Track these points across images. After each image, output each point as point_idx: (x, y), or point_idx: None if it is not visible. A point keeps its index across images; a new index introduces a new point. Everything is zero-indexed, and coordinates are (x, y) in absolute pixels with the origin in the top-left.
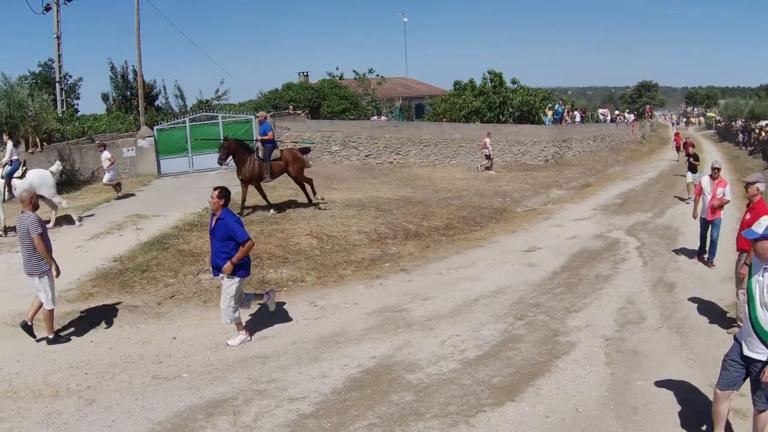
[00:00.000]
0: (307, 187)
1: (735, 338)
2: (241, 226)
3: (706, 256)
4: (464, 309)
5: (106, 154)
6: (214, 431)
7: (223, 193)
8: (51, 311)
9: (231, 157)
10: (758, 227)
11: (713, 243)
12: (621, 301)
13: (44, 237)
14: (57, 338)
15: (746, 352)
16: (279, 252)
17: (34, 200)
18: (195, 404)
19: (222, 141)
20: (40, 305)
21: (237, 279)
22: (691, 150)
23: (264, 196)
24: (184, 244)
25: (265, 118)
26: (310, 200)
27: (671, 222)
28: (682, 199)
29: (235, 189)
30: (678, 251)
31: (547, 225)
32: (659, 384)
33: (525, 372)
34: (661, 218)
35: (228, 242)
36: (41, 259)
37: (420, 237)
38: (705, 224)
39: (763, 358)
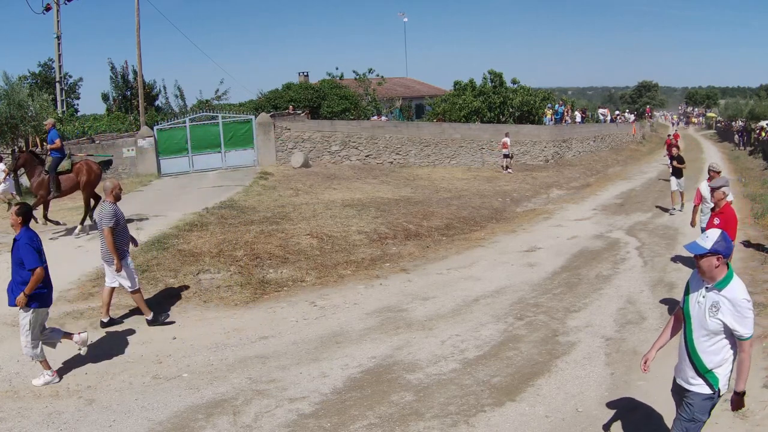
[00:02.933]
0: (92, 205)
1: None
2: (34, 250)
3: None
4: (464, 309)
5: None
6: (214, 431)
7: (21, 210)
8: (137, 292)
9: (22, 169)
10: (705, 242)
11: None
12: (621, 301)
13: (115, 231)
14: (155, 319)
15: (678, 381)
16: (279, 252)
17: (116, 191)
18: (195, 404)
19: (17, 152)
20: (110, 295)
21: (30, 311)
22: (674, 151)
23: (45, 213)
24: (184, 244)
25: (53, 125)
26: (83, 219)
27: (671, 222)
28: (666, 210)
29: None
30: (678, 252)
31: (547, 225)
32: (659, 384)
33: (525, 372)
34: (661, 218)
35: (22, 268)
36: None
37: (420, 237)
38: None
39: (694, 390)
